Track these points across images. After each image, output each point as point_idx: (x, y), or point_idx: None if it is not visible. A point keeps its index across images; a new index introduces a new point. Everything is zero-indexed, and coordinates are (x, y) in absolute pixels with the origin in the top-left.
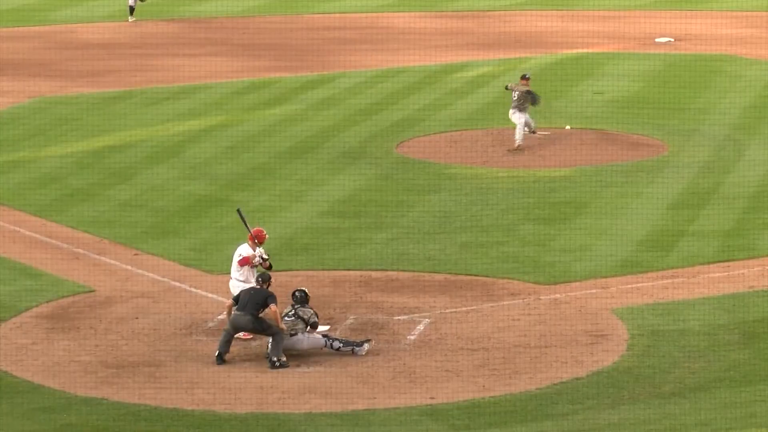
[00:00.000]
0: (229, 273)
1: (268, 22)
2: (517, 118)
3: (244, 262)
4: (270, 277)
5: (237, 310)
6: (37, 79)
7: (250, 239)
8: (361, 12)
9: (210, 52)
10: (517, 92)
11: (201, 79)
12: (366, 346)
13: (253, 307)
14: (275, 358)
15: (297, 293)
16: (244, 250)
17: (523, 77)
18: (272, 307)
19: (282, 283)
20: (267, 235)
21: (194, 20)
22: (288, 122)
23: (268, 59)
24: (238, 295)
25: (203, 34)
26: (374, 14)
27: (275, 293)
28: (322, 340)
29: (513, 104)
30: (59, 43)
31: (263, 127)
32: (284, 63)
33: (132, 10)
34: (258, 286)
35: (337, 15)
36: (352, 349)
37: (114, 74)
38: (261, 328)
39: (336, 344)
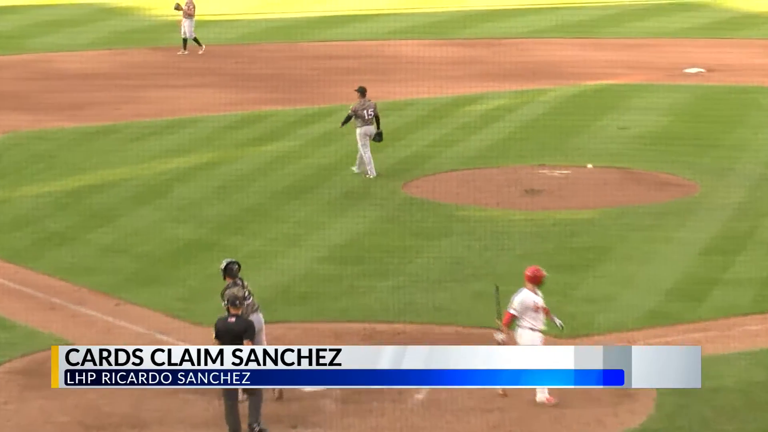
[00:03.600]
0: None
1: (263, 51)
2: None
3: (544, 311)
4: (237, 299)
5: None
6: (11, 113)
7: (528, 280)
8: (365, 39)
9: (199, 83)
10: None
11: (190, 112)
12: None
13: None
14: (255, 426)
15: (234, 266)
16: (528, 297)
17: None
18: (246, 342)
19: (277, 336)
20: (545, 273)
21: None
22: (284, 159)
23: (262, 91)
24: (218, 330)
25: (192, 63)
26: (378, 42)
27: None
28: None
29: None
30: (36, 73)
31: (257, 165)
32: (280, 95)
33: (185, 42)
34: (232, 319)
35: (338, 43)
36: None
37: (95, 107)
38: None
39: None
